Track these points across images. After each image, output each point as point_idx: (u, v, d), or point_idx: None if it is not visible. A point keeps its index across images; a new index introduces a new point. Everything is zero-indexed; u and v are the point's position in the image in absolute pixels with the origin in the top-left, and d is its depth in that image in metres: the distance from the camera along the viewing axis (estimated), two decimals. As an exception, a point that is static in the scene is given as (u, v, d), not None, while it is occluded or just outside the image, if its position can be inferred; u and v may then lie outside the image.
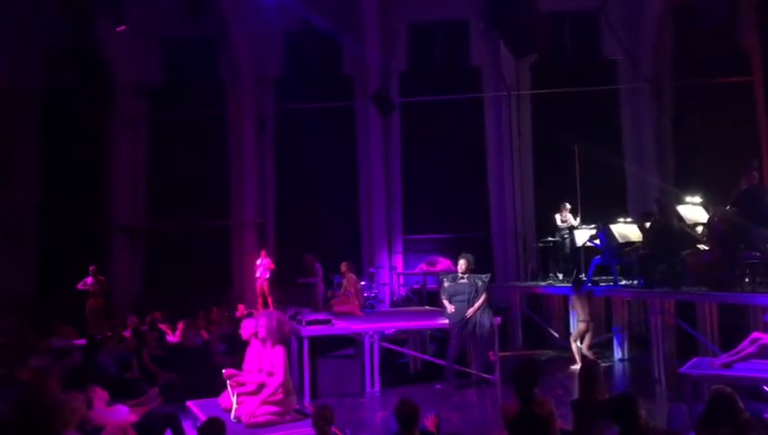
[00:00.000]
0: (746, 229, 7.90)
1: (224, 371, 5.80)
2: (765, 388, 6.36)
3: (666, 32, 14.68)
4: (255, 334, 5.82)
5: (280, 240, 15.38)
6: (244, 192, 15.59)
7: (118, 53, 15.43)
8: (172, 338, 10.80)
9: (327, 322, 8.18)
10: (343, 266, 10.30)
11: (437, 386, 8.48)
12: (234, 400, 5.61)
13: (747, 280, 8.13)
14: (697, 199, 9.83)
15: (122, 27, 13.95)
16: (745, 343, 6.17)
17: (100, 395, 5.32)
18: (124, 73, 15.68)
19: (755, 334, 6.28)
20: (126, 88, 15.72)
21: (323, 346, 8.41)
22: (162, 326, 11.11)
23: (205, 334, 10.88)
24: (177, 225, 15.32)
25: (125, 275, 15.47)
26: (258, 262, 13.14)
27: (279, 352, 5.56)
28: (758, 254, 7.96)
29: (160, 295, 14.09)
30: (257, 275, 13.11)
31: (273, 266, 12.98)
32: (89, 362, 6.94)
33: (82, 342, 9.36)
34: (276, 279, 13.13)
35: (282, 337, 5.65)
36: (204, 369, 8.10)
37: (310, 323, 8.02)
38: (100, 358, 7.09)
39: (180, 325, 10.83)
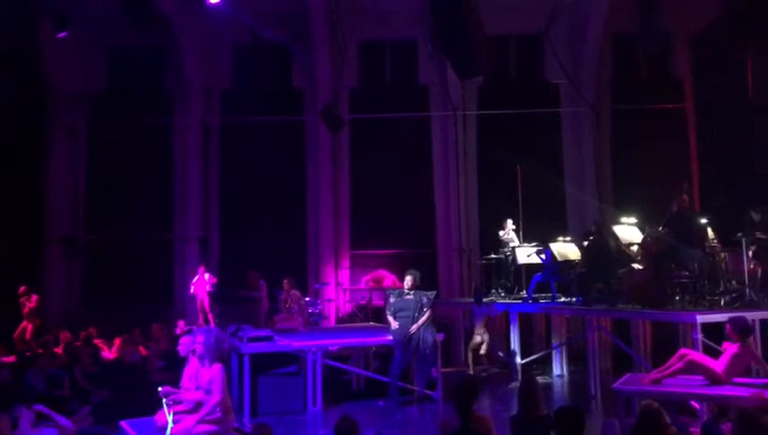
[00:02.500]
0: (676, 250, 8.23)
1: (160, 388, 5.64)
2: (692, 403, 6.63)
3: (606, 58, 15.25)
4: (193, 351, 5.70)
5: (224, 255, 15.11)
6: (187, 205, 15.27)
7: (60, 58, 14.96)
8: (108, 354, 10.46)
9: (269, 338, 8.07)
10: (286, 283, 10.21)
11: (380, 403, 8.47)
12: (170, 418, 5.45)
13: (678, 298, 8.43)
14: (633, 220, 10.17)
15: (64, 33, 13.54)
16: (674, 359, 6.42)
17: (26, 415, 5.09)
18: (65, 80, 15.20)
19: (683, 350, 6.55)
20: (66, 94, 15.25)
21: (265, 363, 8.27)
22: (98, 342, 10.75)
23: (143, 351, 10.58)
24: (118, 237, 14.86)
25: (61, 289, 14.89)
26: (195, 278, 12.83)
27: (217, 370, 5.46)
28: (687, 273, 8.30)
29: (98, 310, 13.61)
30: (191, 291, 12.78)
31: (214, 281, 12.74)
32: (16, 380, 6.63)
33: (11, 359, 8.97)
34: (219, 295, 12.90)
35: (220, 354, 5.55)
36: (141, 386, 7.85)
37: (251, 339, 7.89)
38: (28, 375, 6.79)
39: (117, 341, 10.51)
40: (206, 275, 12.71)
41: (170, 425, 5.40)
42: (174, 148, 15.58)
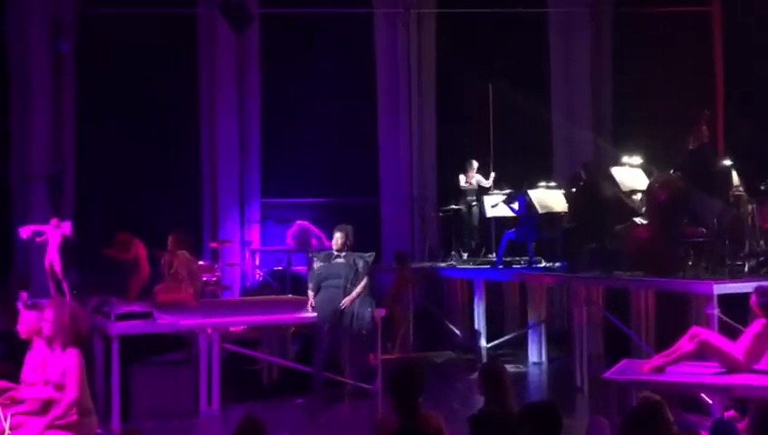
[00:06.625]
0: (691, 200, 8.50)
1: (-9, 384, 5.57)
2: (703, 396, 6.96)
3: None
4: (39, 332, 5.61)
5: (83, 200, 14.64)
6: (30, 133, 14.67)
7: None
8: None
9: (146, 315, 8.02)
10: (171, 240, 10.07)
11: (299, 400, 8.57)
12: (6, 424, 5.39)
13: (690, 263, 8.75)
14: (637, 160, 10.40)
15: None
16: (683, 340, 6.69)
17: None
18: None
19: (694, 329, 6.82)
20: None
21: (142, 349, 8.25)
22: None
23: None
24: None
25: None
26: (36, 228, 12.50)
27: (72, 357, 5.41)
28: (704, 230, 8.59)
29: None
30: (27, 234, 12.42)
31: (68, 233, 12.43)
32: None
33: None
34: (77, 255, 12.63)
35: (77, 336, 5.50)
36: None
37: (121, 316, 7.82)
38: None
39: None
40: (61, 228, 12.39)
41: (7, 432, 5.34)
42: (9, 53, 14.84)
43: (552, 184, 11.48)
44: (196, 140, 15.24)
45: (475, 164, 12.53)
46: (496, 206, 11.58)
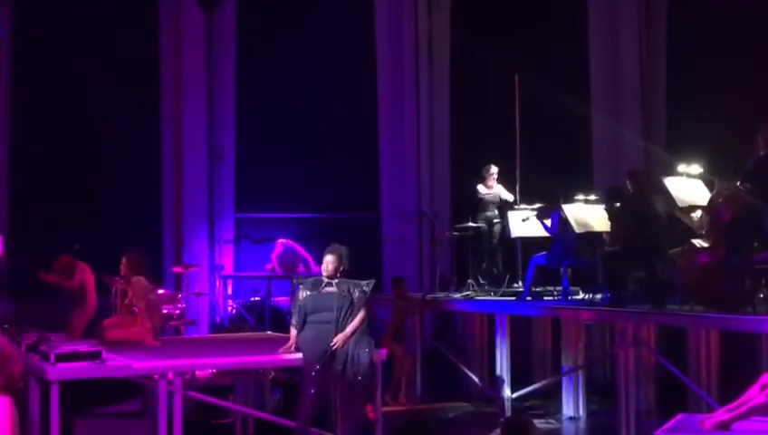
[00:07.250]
0: (762, 216, 8.44)
1: None
2: (778, 459, 6.88)
3: None
4: (-40, 376, 5.59)
5: (16, 214, 14.65)
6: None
7: None
8: None
9: (93, 356, 7.95)
10: (124, 264, 10.03)
11: (281, 462, 8.55)
12: None
13: (762, 295, 8.72)
14: (696, 169, 10.34)
15: None
16: (752, 390, 6.63)
17: None
18: None
19: (767, 377, 6.75)
20: None
21: (87, 397, 8.27)
22: None
23: None
24: None
25: None
26: None
27: (2, 407, 5.38)
28: (776, 255, 8.55)
29: None
30: None
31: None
32: None
33: None
34: (8, 282, 12.64)
35: (7, 381, 5.48)
36: None
37: (63, 357, 7.75)
38: None
39: None
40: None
41: None
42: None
43: (592, 197, 11.41)
44: (155, 142, 15.32)
45: (494, 169, 12.49)
46: (527, 220, 11.53)
